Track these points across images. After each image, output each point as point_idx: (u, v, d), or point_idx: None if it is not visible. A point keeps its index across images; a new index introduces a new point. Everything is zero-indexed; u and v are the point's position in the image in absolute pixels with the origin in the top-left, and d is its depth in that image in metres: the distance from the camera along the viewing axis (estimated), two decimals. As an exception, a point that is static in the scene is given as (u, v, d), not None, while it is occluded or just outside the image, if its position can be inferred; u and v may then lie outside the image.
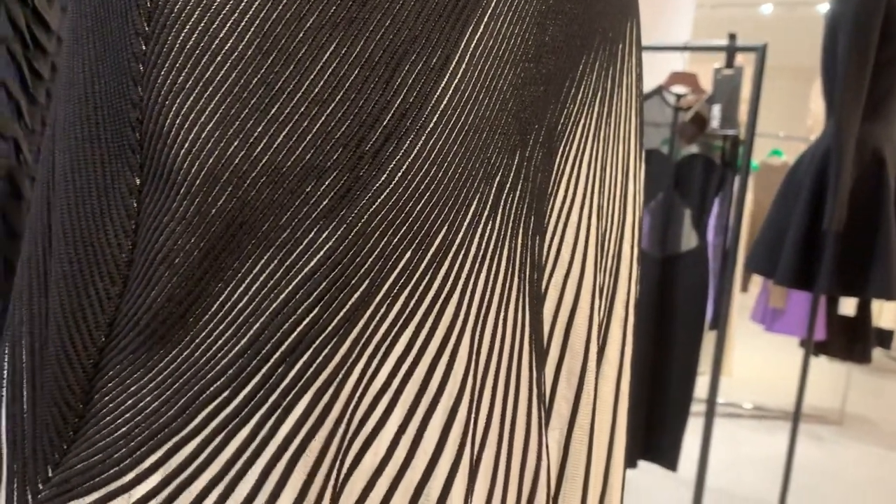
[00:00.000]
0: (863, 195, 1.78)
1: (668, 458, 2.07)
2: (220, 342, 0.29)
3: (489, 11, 0.33)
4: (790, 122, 6.07)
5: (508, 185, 0.34)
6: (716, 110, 1.92)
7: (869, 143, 1.79)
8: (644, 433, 2.09)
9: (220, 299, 0.29)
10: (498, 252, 0.34)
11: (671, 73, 2.06)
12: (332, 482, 0.29)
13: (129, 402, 0.29)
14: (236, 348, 0.28)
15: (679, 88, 2.05)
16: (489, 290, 0.33)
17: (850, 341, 2.89)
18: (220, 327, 0.29)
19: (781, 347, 3.91)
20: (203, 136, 0.28)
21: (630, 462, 2.09)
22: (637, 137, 0.45)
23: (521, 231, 0.36)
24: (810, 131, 3.50)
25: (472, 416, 0.32)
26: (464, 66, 0.32)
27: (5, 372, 0.32)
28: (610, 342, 0.44)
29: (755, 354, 4.23)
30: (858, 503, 2.64)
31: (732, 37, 1.87)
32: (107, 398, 0.29)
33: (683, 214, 2.02)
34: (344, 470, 0.30)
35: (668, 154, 2.03)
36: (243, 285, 0.29)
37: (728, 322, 2.21)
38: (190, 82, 0.28)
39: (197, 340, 0.29)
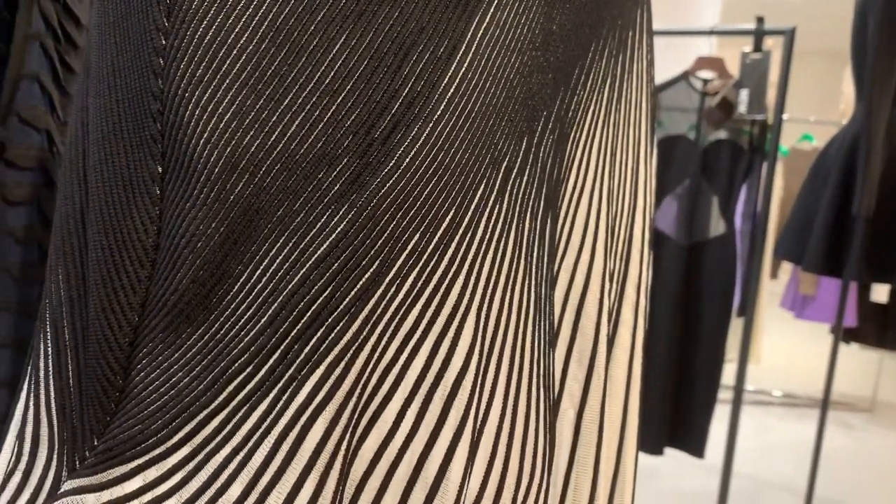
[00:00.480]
0: (893, 180, 1.76)
1: (694, 445, 2.07)
2: (241, 321, 0.30)
3: (495, 2, 0.34)
4: (821, 107, 5.96)
5: (516, 170, 0.35)
6: (743, 95, 1.90)
7: (899, 126, 1.76)
8: (670, 420, 2.08)
9: (241, 281, 0.30)
10: (505, 235, 0.35)
11: (698, 57, 2.04)
12: (342, 451, 0.31)
13: (163, 377, 0.31)
14: (257, 327, 0.30)
15: (706, 73, 2.03)
16: (495, 271, 0.35)
17: (882, 328, 2.85)
18: (242, 307, 0.30)
19: (812, 334, 3.87)
20: (221, 125, 0.29)
21: (656, 449, 2.09)
22: (648, 123, 0.46)
23: (528, 215, 0.37)
24: (842, 115, 3.44)
25: (476, 392, 0.34)
26: (470, 55, 0.33)
27: (50, 350, 0.34)
28: (622, 325, 0.44)
29: (785, 341, 4.19)
30: (888, 491, 2.61)
31: (760, 20, 1.85)
32: (143, 374, 0.31)
33: (710, 201, 2.01)
34: (356, 439, 0.31)
35: (694, 140, 2.01)
36: (261, 267, 0.30)
37: (756, 309, 2.20)
38: (208, 75, 0.29)
39: (221, 320, 0.30)
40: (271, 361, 0.30)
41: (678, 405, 2.07)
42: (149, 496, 0.30)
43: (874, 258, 1.79)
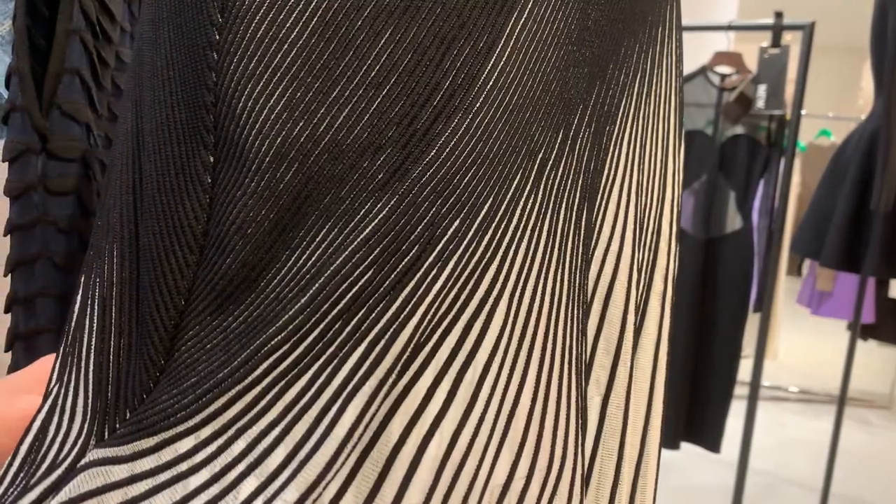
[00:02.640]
0: (912, 175, 1.75)
1: (710, 440, 2.07)
2: (283, 303, 0.31)
3: None
4: (839, 102, 5.92)
5: (551, 162, 0.36)
6: (761, 90, 1.90)
7: (919, 122, 1.75)
8: (687, 415, 2.09)
9: (288, 265, 0.32)
10: (539, 224, 0.36)
11: (715, 52, 2.04)
12: (375, 424, 0.32)
13: (202, 357, 0.32)
14: (297, 306, 0.31)
15: (724, 68, 2.03)
16: (528, 259, 0.35)
17: (900, 325, 2.84)
18: (286, 290, 0.32)
19: (829, 331, 3.86)
20: (272, 117, 0.31)
21: (672, 444, 2.10)
22: (677, 117, 0.47)
23: (564, 206, 0.37)
24: (861, 111, 3.42)
25: (506, 376, 0.35)
26: (509, 49, 0.34)
27: (95, 326, 0.36)
28: (649, 315, 0.45)
29: (802, 338, 4.17)
30: (906, 488, 2.60)
31: (779, 15, 1.85)
32: (185, 356, 0.32)
33: (728, 196, 2.01)
34: (382, 414, 0.32)
35: (712, 135, 2.01)
36: (308, 252, 0.32)
37: (772, 305, 2.20)
38: (260, 69, 0.31)
39: (266, 302, 0.32)
40: (310, 339, 0.31)
41: (694, 400, 2.08)
42: (178, 468, 0.31)
43: (892, 254, 1.78)
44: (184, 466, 0.31)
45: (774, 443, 2.90)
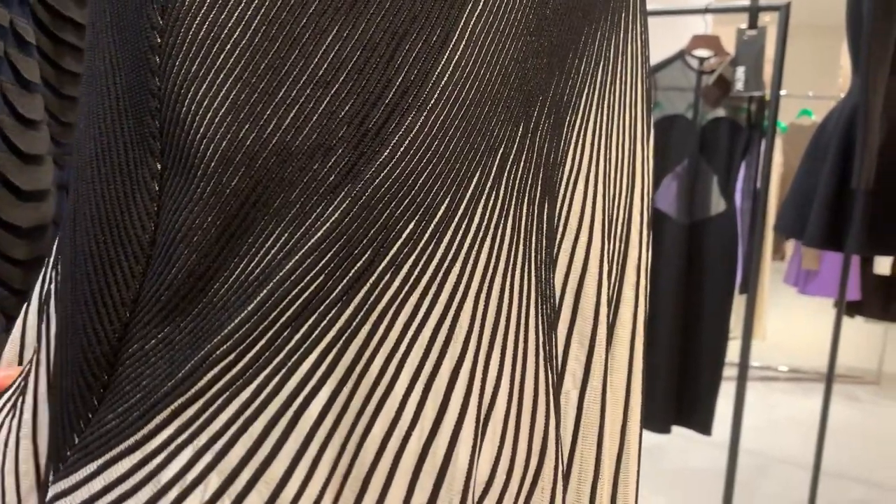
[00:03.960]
0: (892, 152, 1.76)
1: (701, 422, 2.08)
2: (229, 311, 0.30)
3: None
4: (820, 82, 5.93)
5: (512, 157, 0.36)
6: (740, 72, 1.90)
7: (897, 98, 1.76)
8: (677, 398, 2.09)
9: (236, 273, 0.30)
10: (502, 221, 0.35)
11: (693, 36, 2.04)
12: (336, 438, 0.31)
13: (147, 371, 0.30)
14: (243, 314, 0.30)
15: (702, 52, 2.02)
16: (494, 257, 0.35)
17: (886, 300, 2.85)
18: (234, 298, 0.30)
19: (816, 309, 3.88)
20: (216, 121, 0.30)
21: (664, 427, 2.10)
22: (644, 103, 0.46)
23: (526, 200, 0.37)
24: (842, 89, 3.43)
25: (479, 379, 0.34)
26: (464, 42, 0.33)
27: (42, 350, 0.35)
28: (623, 305, 0.45)
29: (790, 317, 4.19)
30: (895, 463, 2.62)
31: (755, -4, 1.85)
32: (129, 370, 0.31)
33: (710, 179, 2.01)
34: (357, 430, 0.31)
35: (692, 119, 2.01)
36: (256, 258, 0.30)
37: (759, 285, 2.20)
38: (203, 71, 0.30)
39: (214, 312, 0.30)
40: (257, 348, 0.30)
41: (684, 383, 2.08)
42: (114, 494, 0.30)
43: (875, 230, 1.79)
44: (114, 494, 0.30)
45: (765, 423, 2.91)
